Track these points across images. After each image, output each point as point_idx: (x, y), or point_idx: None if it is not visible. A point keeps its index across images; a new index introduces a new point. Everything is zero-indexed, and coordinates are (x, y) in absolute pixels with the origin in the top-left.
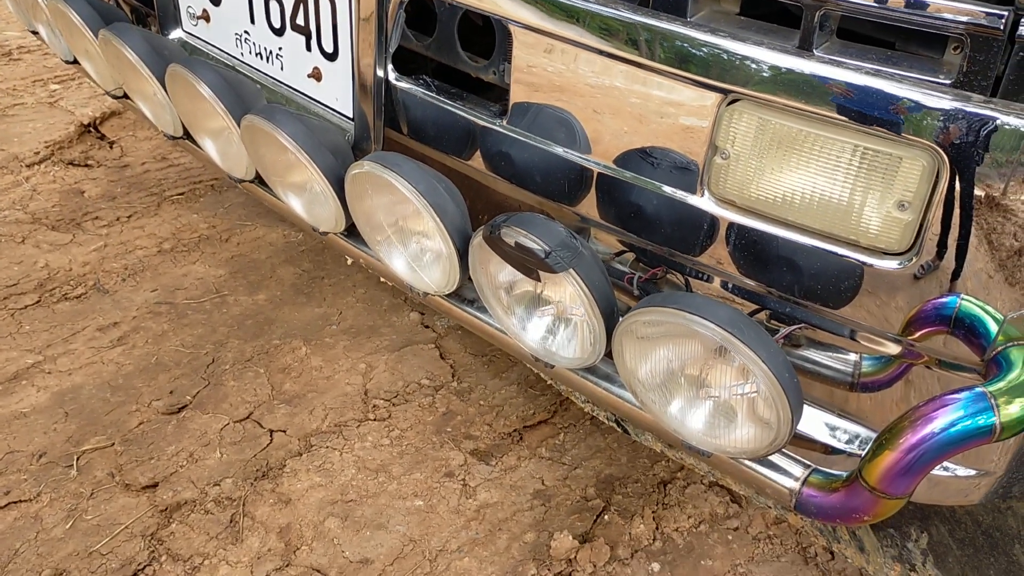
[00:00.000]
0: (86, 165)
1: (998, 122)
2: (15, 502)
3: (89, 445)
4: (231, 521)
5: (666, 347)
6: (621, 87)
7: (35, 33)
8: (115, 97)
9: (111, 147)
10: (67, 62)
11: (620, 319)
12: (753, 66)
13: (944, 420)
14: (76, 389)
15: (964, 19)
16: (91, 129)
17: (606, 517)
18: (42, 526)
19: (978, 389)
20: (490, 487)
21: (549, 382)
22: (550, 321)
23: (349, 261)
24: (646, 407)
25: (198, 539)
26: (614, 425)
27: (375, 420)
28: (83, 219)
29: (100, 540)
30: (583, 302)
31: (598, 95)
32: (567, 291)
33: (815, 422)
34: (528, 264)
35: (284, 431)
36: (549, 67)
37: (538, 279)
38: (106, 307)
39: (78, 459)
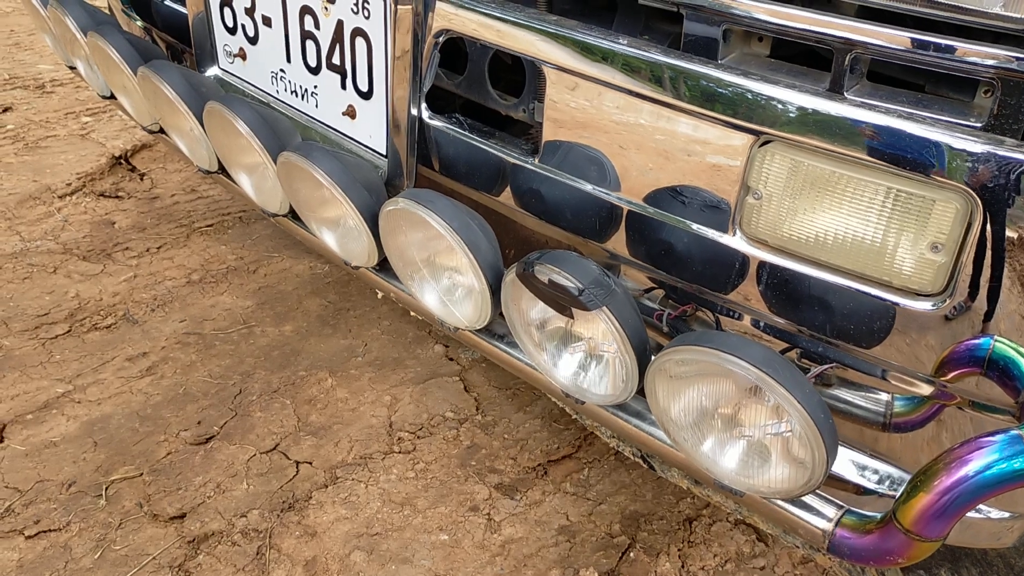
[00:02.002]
0: (117, 196)
1: None
2: (45, 531)
3: (118, 475)
4: (257, 553)
5: (699, 386)
6: (653, 127)
7: (73, 68)
8: (151, 132)
9: (142, 179)
10: (104, 97)
11: (652, 357)
12: (785, 108)
13: (979, 463)
14: (105, 419)
15: (994, 63)
16: (122, 161)
17: (632, 554)
18: (71, 556)
19: (1013, 432)
20: (515, 522)
21: (573, 416)
22: (582, 358)
23: (380, 295)
24: (678, 445)
25: (225, 571)
26: (639, 461)
27: (400, 452)
28: (113, 250)
29: (128, 571)
30: (616, 339)
31: (629, 135)
32: (599, 328)
33: (846, 462)
34: (561, 301)
35: (310, 463)
36: (582, 107)
37: (571, 316)
38: (135, 337)
39: (107, 489)
